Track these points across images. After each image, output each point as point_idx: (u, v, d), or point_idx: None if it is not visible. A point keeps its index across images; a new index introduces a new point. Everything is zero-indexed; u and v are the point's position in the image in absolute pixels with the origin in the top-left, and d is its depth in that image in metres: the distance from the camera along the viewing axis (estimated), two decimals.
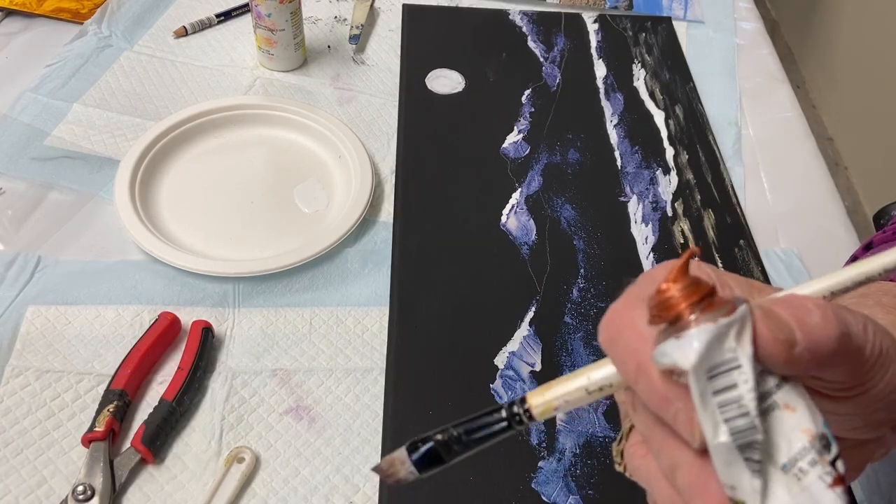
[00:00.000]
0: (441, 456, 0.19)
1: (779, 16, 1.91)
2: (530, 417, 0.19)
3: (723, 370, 0.16)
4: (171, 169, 0.54)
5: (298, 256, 0.47)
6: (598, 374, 0.19)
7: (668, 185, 0.57)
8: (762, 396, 0.16)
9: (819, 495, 0.16)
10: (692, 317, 0.16)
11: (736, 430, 0.16)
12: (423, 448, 0.19)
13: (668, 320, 0.17)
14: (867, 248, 0.35)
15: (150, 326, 0.43)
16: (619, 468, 0.21)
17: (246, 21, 0.68)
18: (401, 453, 0.19)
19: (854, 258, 0.36)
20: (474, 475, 0.39)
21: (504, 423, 0.19)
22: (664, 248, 0.52)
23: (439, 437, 0.19)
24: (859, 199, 1.47)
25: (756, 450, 0.16)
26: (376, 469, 0.20)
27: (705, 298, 0.16)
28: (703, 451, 0.17)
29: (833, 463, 0.16)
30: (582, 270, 0.50)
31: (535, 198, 0.55)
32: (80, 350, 0.43)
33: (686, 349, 0.16)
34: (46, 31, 0.65)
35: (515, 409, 0.19)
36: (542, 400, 0.19)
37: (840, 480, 0.16)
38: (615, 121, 0.62)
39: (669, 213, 0.54)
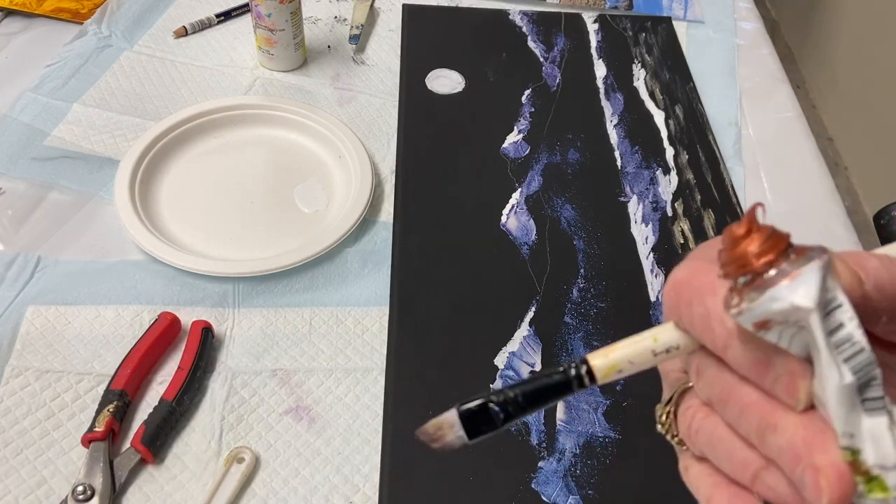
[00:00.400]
0: (494, 419, 0.18)
1: (779, 16, 1.91)
2: (592, 379, 0.18)
3: (830, 309, 0.16)
4: (171, 169, 0.54)
5: (298, 256, 0.47)
6: (666, 335, 0.18)
7: (668, 185, 0.57)
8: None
9: None
10: (784, 265, 0.16)
11: (857, 368, 0.16)
12: (475, 407, 0.18)
13: (754, 272, 0.16)
14: None
15: (150, 326, 0.43)
16: (660, 429, 0.21)
17: (246, 21, 0.68)
18: (451, 415, 0.18)
19: None
20: (474, 475, 0.39)
21: (564, 385, 0.18)
22: (664, 248, 0.52)
23: (494, 398, 0.18)
24: (859, 199, 1.47)
25: (876, 386, 0.16)
26: (421, 432, 0.19)
27: (790, 246, 0.16)
28: (806, 411, 0.16)
29: None
30: (582, 270, 0.50)
31: (535, 198, 0.54)
32: (79, 350, 0.43)
33: (804, 288, 0.16)
34: (46, 31, 0.65)
35: (575, 370, 0.18)
36: (606, 361, 0.19)
37: None
38: (615, 121, 0.62)
39: (669, 213, 0.54)
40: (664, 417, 0.21)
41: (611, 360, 0.19)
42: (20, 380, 0.41)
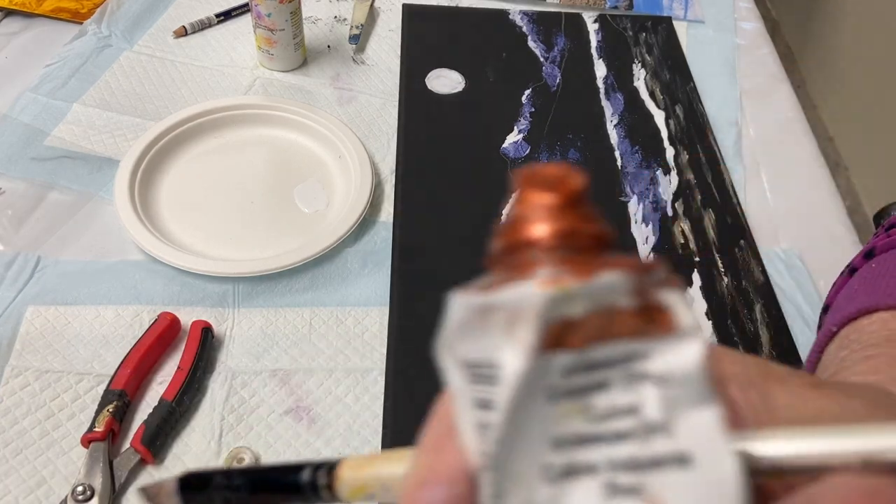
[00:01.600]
0: (213, 498, 0.16)
1: (779, 15, 1.91)
2: (331, 493, 0.14)
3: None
4: (171, 169, 0.54)
5: (298, 256, 0.47)
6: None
7: (668, 185, 0.57)
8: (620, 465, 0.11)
9: None
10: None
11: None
12: (194, 480, 0.16)
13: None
14: (868, 257, 0.31)
15: (150, 327, 0.43)
16: None
17: (246, 21, 0.68)
18: (170, 484, 0.16)
19: (853, 269, 0.32)
20: None
21: (293, 487, 0.15)
22: (665, 249, 0.52)
23: (219, 476, 0.16)
24: (860, 199, 1.47)
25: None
26: (143, 489, 0.17)
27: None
28: None
29: None
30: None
31: None
32: (79, 350, 0.43)
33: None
34: (46, 31, 0.65)
35: (311, 475, 0.14)
36: (355, 477, 0.14)
37: None
38: (615, 121, 0.62)
39: (670, 214, 0.54)
40: None
41: (362, 476, 0.14)
42: (20, 380, 0.41)
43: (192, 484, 0.16)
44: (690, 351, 0.11)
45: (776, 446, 0.11)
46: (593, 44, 0.69)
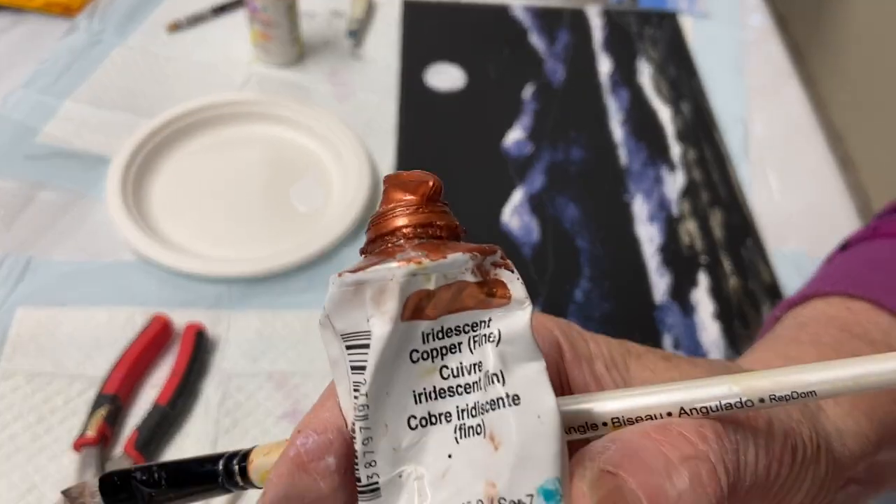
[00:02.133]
0: (136, 494, 0.16)
1: (787, 10, 1.90)
2: (245, 478, 0.15)
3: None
4: (165, 167, 0.53)
5: (295, 257, 0.46)
6: None
7: (673, 183, 0.56)
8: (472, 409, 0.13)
9: None
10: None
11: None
12: (116, 478, 0.16)
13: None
14: (843, 249, 0.32)
15: (143, 329, 0.42)
16: None
17: (241, 15, 0.66)
18: (92, 484, 0.16)
19: (830, 259, 0.32)
20: None
21: (211, 476, 0.15)
22: (670, 248, 0.51)
23: (138, 472, 0.16)
24: (870, 197, 1.45)
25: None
26: (65, 491, 0.17)
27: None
28: None
29: None
30: (585, 271, 0.49)
31: (537, 197, 0.53)
32: (71, 353, 0.42)
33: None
34: (37, 27, 0.64)
35: (233, 465, 0.15)
36: (266, 462, 0.15)
37: None
38: (620, 118, 0.60)
39: (675, 213, 0.53)
40: None
41: (271, 461, 0.15)
42: (10, 383, 0.40)
43: (114, 483, 0.16)
44: (521, 317, 0.14)
45: (618, 403, 0.14)
46: (597, 39, 0.68)
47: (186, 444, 0.39)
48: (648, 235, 0.52)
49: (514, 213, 0.52)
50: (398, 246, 0.14)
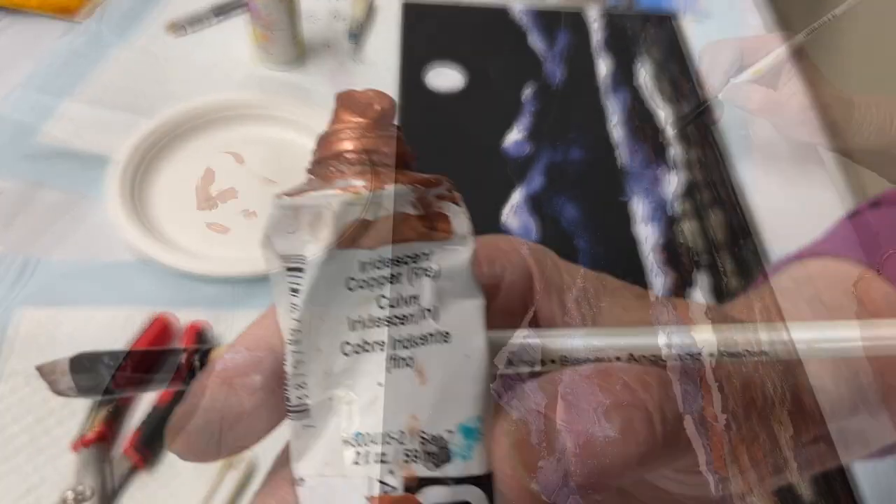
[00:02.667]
0: (103, 377, 0.16)
1: (786, 10, 1.90)
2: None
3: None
4: (165, 167, 0.53)
5: None
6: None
7: (671, 183, 0.56)
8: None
9: (343, 499, 0.13)
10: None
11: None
12: (86, 359, 0.16)
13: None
14: (874, 206, 0.31)
15: (144, 329, 0.42)
16: None
17: (242, 16, 0.66)
18: (63, 363, 0.17)
19: (856, 212, 0.31)
20: None
21: (177, 371, 0.16)
22: (668, 248, 0.51)
23: (106, 356, 0.16)
24: (869, 198, 1.46)
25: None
26: (39, 367, 0.17)
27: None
28: None
29: (420, 485, 0.12)
30: (583, 271, 0.49)
31: (536, 197, 0.54)
32: (71, 353, 0.42)
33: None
34: (36, 26, 0.64)
35: (195, 360, 0.16)
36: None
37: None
38: (618, 118, 0.61)
39: (673, 213, 0.53)
40: None
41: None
42: (9, 384, 0.40)
43: (83, 363, 0.17)
44: (461, 253, 0.14)
45: (568, 342, 0.14)
46: (596, 40, 0.68)
47: None
48: (647, 235, 0.52)
49: (514, 213, 0.52)
50: (340, 171, 0.14)
